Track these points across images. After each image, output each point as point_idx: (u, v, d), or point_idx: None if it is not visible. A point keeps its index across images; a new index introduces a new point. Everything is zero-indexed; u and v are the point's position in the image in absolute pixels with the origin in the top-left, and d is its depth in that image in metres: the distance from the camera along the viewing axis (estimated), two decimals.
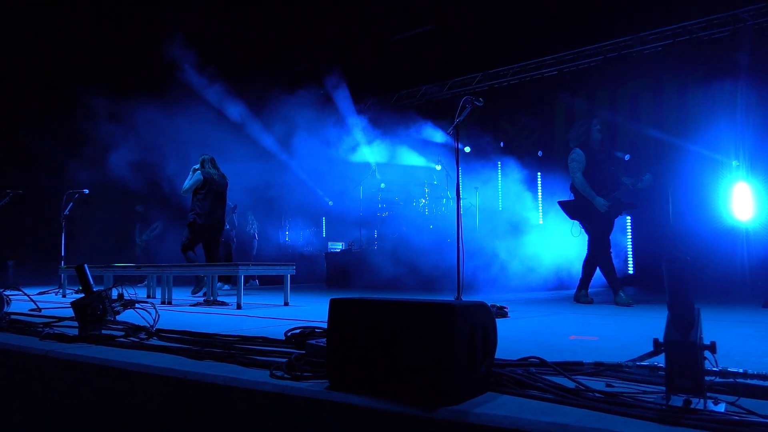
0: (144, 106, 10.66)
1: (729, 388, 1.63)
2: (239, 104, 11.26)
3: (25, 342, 2.91)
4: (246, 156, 11.12)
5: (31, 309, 4.67)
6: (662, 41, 10.21)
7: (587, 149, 5.70)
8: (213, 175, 7.59)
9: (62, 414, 2.53)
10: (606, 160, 5.71)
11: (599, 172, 5.65)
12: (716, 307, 5.09)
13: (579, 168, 5.66)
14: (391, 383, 1.70)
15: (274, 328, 3.49)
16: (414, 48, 12.65)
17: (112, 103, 10.30)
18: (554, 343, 2.87)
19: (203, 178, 7.49)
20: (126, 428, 2.27)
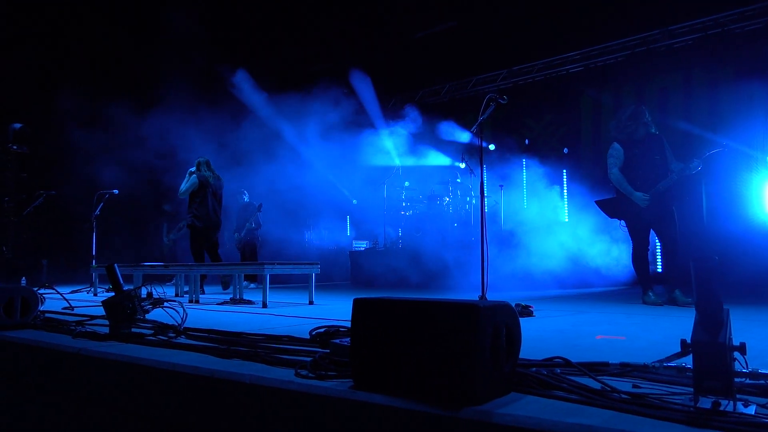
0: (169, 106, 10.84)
1: (760, 390, 1.60)
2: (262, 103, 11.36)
3: (58, 340, 2.99)
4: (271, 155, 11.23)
5: (64, 307, 4.80)
6: (692, 35, 10.00)
7: (628, 143, 5.44)
8: (209, 178, 7.93)
9: (94, 410, 2.59)
10: (650, 151, 5.35)
11: (639, 165, 5.37)
12: (748, 307, 4.98)
13: (616, 164, 5.46)
14: (415, 383, 1.71)
15: (299, 327, 3.53)
16: (437, 45, 12.60)
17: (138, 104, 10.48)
18: (580, 342, 2.84)
19: (199, 181, 7.84)
20: (155, 425, 2.32)
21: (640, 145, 5.39)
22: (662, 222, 5.32)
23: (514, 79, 12.20)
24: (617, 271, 8.34)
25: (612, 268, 8.42)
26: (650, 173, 5.30)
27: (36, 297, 3.67)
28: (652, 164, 5.33)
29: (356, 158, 11.91)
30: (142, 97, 10.99)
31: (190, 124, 10.79)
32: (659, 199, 5.25)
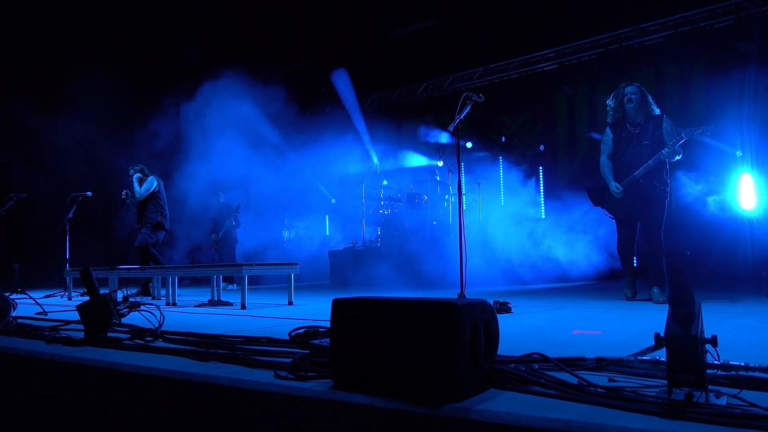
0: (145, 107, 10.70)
1: (731, 381, 1.64)
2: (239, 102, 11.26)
3: (31, 346, 2.93)
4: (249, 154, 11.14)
5: (38, 312, 4.70)
6: (664, 32, 10.17)
7: (617, 127, 5.14)
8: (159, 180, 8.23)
9: (69, 417, 2.55)
10: (640, 136, 4.97)
11: (623, 151, 5.06)
12: (720, 299, 5.09)
13: (604, 150, 5.21)
14: (395, 382, 1.72)
15: (278, 328, 3.51)
16: (415, 43, 12.62)
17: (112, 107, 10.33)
18: (557, 338, 2.87)
19: (157, 182, 8.11)
20: (132, 430, 2.28)
21: (632, 129, 5.05)
22: (642, 213, 5.04)
23: (491, 77, 12.28)
24: (595, 265, 8.44)
25: (589, 262, 8.53)
26: (634, 160, 4.97)
27: (8, 302, 3.59)
28: (638, 150, 4.97)
29: (334, 157, 11.89)
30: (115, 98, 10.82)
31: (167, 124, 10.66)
32: (637, 187, 4.96)
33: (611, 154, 5.16)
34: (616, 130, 5.14)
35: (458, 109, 5.03)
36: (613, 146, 5.14)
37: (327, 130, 13.18)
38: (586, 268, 8.46)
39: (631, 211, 5.08)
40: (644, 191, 4.94)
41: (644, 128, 4.98)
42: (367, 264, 10.04)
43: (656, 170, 4.91)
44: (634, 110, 5.02)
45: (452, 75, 12.73)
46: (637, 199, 4.99)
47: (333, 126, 13.28)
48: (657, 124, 4.95)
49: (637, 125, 5.03)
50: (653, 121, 4.97)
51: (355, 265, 10.32)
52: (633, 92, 5.04)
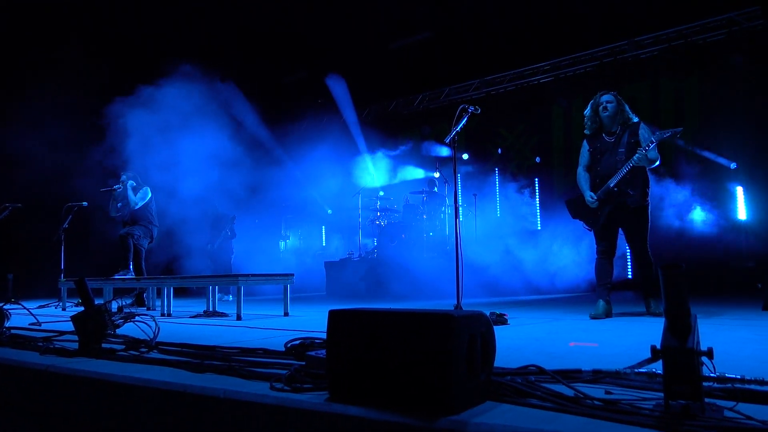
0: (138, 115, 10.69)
1: (727, 393, 1.64)
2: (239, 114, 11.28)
3: (25, 357, 2.91)
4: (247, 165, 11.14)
5: (31, 323, 4.67)
6: (658, 45, 10.27)
7: (594, 137, 4.98)
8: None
9: (63, 429, 2.53)
10: (616, 145, 4.79)
11: (599, 161, 4.88)
12: (716, 310, 5.10)
13: (581, 161, 5.07)
14: (391, 394, 1.71)
15: (274, 339, 3.50)
16: (411, 55, 12.70)
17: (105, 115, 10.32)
18: (554, 350, 2.87)
19: (151, 193, 8.16)
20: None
21: (608, 139, 4.87)
22: (622, 224, 4.85)
23: (487, 89, 12.36)
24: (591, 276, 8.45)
25: (585, 274, 8.55)
26: (610, 169, 4.76)
27: (2, 313, 3.57)
28: (613, 159, 4.77)
29: (331, 168, 11.91)
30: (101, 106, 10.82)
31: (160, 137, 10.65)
32: (612, 197, 4.75)
33: (588, 165, 5.02)
34: (592, 141, 4.99)
35: (455, 120, 5.06)
36: (590, 157, 4.99)
37: (324, 141, 13.23)
38: (583, 279, 8.48)
39: (608, 223, 4.85)
40: (620, 201, 4.74)
41: (620, 137, 4.82)
42: (363, 275, 10.03)
43: (632, 179, 4.69)
44: (610, 119, 4.86)
45: (448, 87, 12.81)
46: (614, 210, 4.79)
47: (330, 136, 13.33)
48: (633, 131, 4.78)
49: (613, 134, 4.87)
50: (630, 129, 4.81)
51: (351, 277, 10.31)
52: (608, 101, 4.87)
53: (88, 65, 11.48)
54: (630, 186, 4.69)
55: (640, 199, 4.71)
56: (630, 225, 4.80)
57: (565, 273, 8.61)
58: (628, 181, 4.68)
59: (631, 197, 4.68)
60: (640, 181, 4.73)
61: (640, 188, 4.73)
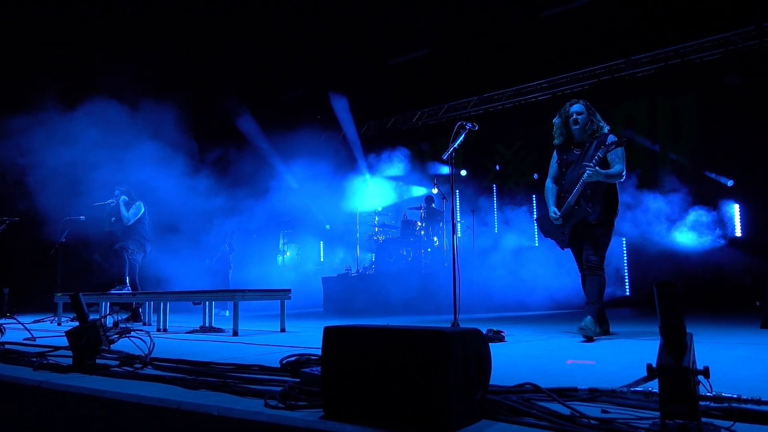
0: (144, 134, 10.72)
1: (724, 413, 1.63)
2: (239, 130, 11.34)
3: (18, 372, 2.88)
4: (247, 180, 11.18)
5: (26, 338, 4.64)
6: (655, 64, 10.36)
7: (563, 148, 4.75)
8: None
9: None
10: (583, 157, 4.52)
11: (565, 174, 4.64)
12: (713, 328, 5.08)
13: (550, 173, 4.82)
14: (386, 412, 1.70)
15: (270, 356, 3.47)
16: (410, 72, 12.80)
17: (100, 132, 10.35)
18: (551, 367, 2.85)
19: (144, 207, 8.13)
20: None
21: (576, 151, 4.63)
22: (584, 241, 4.54)
23: (485, 106, 12.43)
24: None
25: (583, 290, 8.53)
26: (574, 184, 4.49)
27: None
28: (577, 174, 4.50)
29: (329, 183, 11.93)
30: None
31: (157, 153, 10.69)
32: (573, 214, 4.49)
33: (556, 177, 4.76)
34: (561, 152, 4.74)
35: (452, 137, 5.07)
36: (558, 169, 4.75)
37: (322, 156, 13.27)
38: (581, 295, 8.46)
39: (573, 240, 4.59)
40: (580, 218, 4.46)
41: (587, 149, 4.53)
42: (361, 291, 10.01)
43: (593, 194, 4.42)
44: (580, 131, 4.61)
45: (447, 104, 12.88)
46: (576, 226, 4.52)
47: (329, 152, 13.38)
48: (601, 142, 4.48)
49: (581, 146, 4.60)
50: (597, 141, 4.52)
51: (348, 292, 10.28)
52: (578, 112, 4.60)
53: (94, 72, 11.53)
54: (591, 202, 4.42)
55: (600, 215, 4.42)
56: (589, 238, 4.49)
57: (563, 289, 8.59)
58: (589, 196, 4.43)
59: (593, 215, 4.41)
60: (602, 196, 4.45)
61: (602, 204, 4.44)
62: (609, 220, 4.49)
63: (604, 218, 4.44)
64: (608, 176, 4.37)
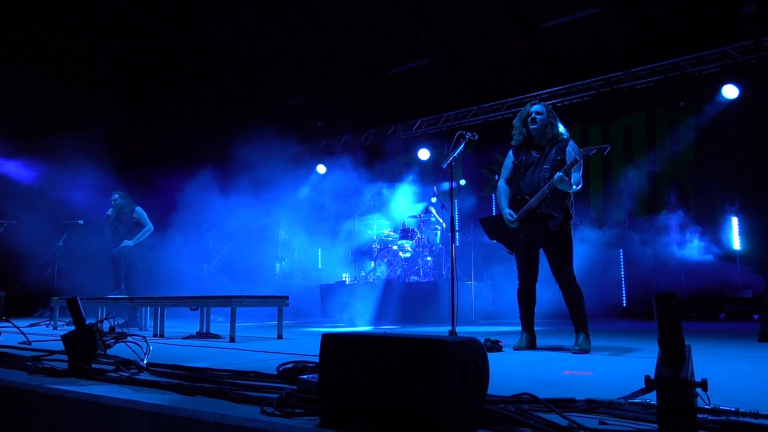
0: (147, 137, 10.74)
1: (722, 426, 1.62)
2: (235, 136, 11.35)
3: (12, 376, 2.87)
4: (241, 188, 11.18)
5: (21, 342, 4.62)
6: (654, 76, 10.40)
7: (520, 149, 4.59)
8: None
9: None
10: (542, 160, 4.41)
11: (522, 176, 4.48)
12: (711, 341, 5.07)
13: (504, 173, 4.65)
14: (383, 420, 1.69)
15: (266, 363, 3.46)
16: (410, 81, 12.83)
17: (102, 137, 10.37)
18: (548, 378, 2.85)
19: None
20: None
21: (535, 153, 4.49)
22: (545, 248, 4.45)
23: (484, 115, 12.45)
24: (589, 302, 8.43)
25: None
26: (533, 187, 4.36)
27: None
28: (536, 176, 4.37)
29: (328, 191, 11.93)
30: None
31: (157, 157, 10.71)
32: (534, 218, 4.34)
33: (509, 178, 4.61)
34: (518, 153, 4.59)
35: (452, 146, 5.08)
36: (513, 170, 4.58)
37: (322, 163, 13.28)
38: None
39: (528, 246, 4.46)
40: (542, 222, 4.32)
41: (547, 153, 4.42)
42: (358, 298, 9.98)
43: (553, 199, 4.30)
44: (538, 132, 4.46)
45: (447, 113, 12.91)
46: (536, 232, 4.38)
47: (328, 160, 13.39)
48: (561, 148, 4.39)
49: (540, 149, 4.47)
50: (558, 146, 4.42)
51: (346, 300, 10.25)
52: (538, 112, 4.48)
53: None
54: (552, 207, 4.30)
55: (561, 222, 4.31)
56: (553, 249, 4.36)
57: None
58: (549, 201, 4.29)
59: (555, 220, 4.29)
60: (564, 201, 4.35)
61: (561, 209, 4.33)
62: (568, 227, 4.38)
63: (563, 225, 4.34)
64: (571, 185, 4.23)
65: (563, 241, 4.34)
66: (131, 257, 7.88)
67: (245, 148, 11.13)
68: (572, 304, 4.34)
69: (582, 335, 4.24)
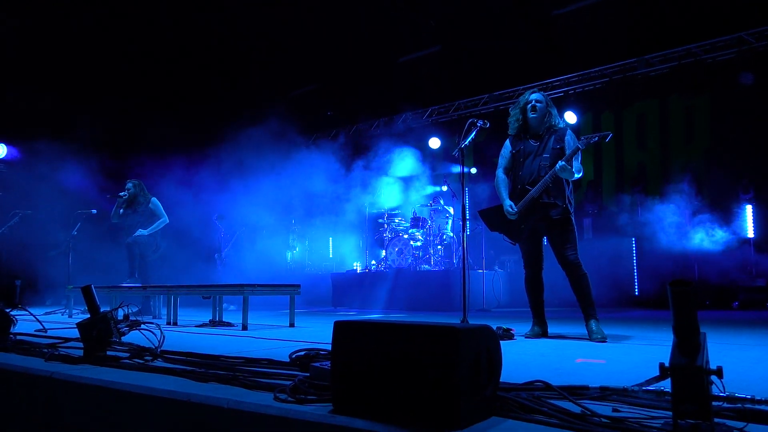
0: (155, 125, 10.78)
1: (737, 413, 1.61)
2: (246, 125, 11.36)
3: (29, 363, 2.91)
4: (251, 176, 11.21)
5: (37, 329, 4.68)
6: (667, 63, 10.27)
7: (518, 139, 4.55)
8: None
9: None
10: (541, 150, 4.39)
11: (521, 166, 4.44)
12: (725, 329, 5.04)
13: (501, 163, 4.61)
14: (395, 407, 1.69)
15: (279, 350, 3.48)
16: (420, 69, 12.76)
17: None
18: (560, 366, 2.84)
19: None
20: None
21: (533, 142, 4.46)
22: (548, 237, 4.43)
23: (496, 104, 12.38)
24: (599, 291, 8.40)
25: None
26: (533, 176, 4.35)
27: (8, 318, 3.58)
28: (536, 166, 4.35)
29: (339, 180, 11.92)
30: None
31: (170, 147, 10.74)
32: (536, 207, 4.34)
33: (508, 168, 4.58)
34: (515, 142, 4.56)
35: (463, 134, 5.06)
36: (511, 160, 4.55)
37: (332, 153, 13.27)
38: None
39: (531, 235, 4.45)
40: (544, 211, 4.33)
41: (546, 142, 4.39)
42: (370, 287, 10.01)
43: (554, 187, 4.30)
44: (537, 121, 4.43)
45: (458, 101, 12.84)
46: (538, 221, 4.38)
47: (339, 149, 13.37)
48: (559, 137, 4.37)
49: (539, 138, 4.45)
50: (556, 135, 4.40)
51: (357, 288, 10.29)
52: (538, 100, 4.43)
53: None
54: (554, 196, 4.31)
55: (562, 210, 4.31)
56: (556, 237, 4.36)
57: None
58: (551, 190, 4.30)
59: (557, 207, 4.30)
60: (565, 189, 4.34)
61: (562, 197, 4.32)
62: (570, 214, 4.36)
63: (565, 213, 4.33)
64: (572, 172, 4.20)
65: (566, 229, 4.34)
66: (145, 247, 7.92)
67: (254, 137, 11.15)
68: (580, 290, 4.31)
69: (593, 321, 4.22)
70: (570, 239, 4.33)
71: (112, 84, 11.97)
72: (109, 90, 11.88)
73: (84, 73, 11.59)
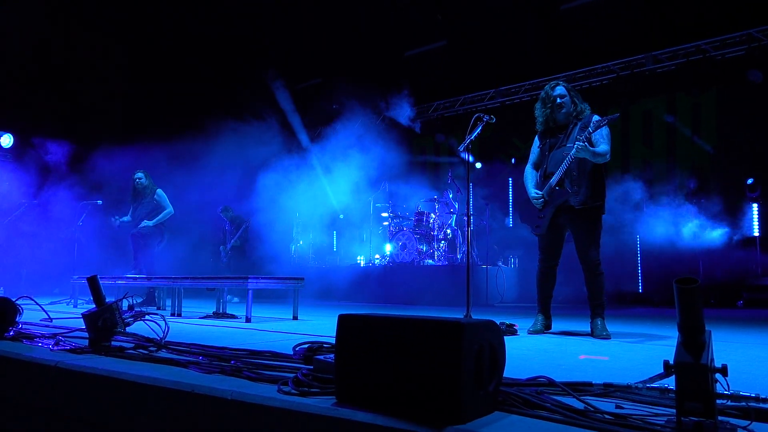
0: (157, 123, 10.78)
1: (741, 412, 1.61)
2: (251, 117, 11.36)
3: (35, 352, 2.93)
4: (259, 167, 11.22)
5: (43, 319, 4.71)
6: (675, 60, 10.20)
7: (545, 132, 4.54)
8: None
9: (70, 426, 2.54)
10: (562, 141, 4.36)
11: (548, 159, 4.41)
12: (730, 327, 5.02)
13: (531, 158, 4.63)
14: (399, 400, 1.70)
15: (282, 343, 3.49)
16: (427, 64, 12.71)
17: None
18: (564, 362, 2.84)
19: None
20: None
21: (560, 134, 4.42)
22: (570, 228, 4.33)
23: (502, 99, 12.34)
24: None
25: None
26: (557, 167, 4.27)
27: (14, 308, 3.60)
28: (560, 155, 4.26)
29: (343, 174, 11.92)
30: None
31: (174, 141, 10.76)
32: (557, 197, 4.25)
33: (537, 163, 4.57)
34: (543, 137, 4.55)
35: (469, 129, 5.04)
36: (539, 154, 4.54)
37: (337, 147, 13.24)
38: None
39: (550, 227, 4.31)
40: (562, 200, 4.23)
41: (570, 130, 4.35)
42: (373, 281, 10.02)
43: (578, 176, 4.18)
44: (564, 116, 4.39)
45: (464, 96, 12.80)
46: (558, 212, 4.26)
47: (343, 142, 13.35)
48: (585, 124, 4.26)
49: (564, 129, 4.40)
50: (581, 123, 4.32)
51: (361, 282, 10.30)
52: (561, 95, 4.38)
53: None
54: (575, 184, 4.18)
55: (586, 199, 4.15)
56: (578, 229, 4.24)
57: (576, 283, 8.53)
58: (574, 178, 4.18)
59: (574, 196, 4.16)
60: (587, 178, 4.19)
61: (588, 187, 4.17)
62: (596, 206, 4.21)
63: (590, 203, 4.17)
64: (595, 154, 4.09)
65: (589, 222, 4.21)
66: (150, 238, 7.94)
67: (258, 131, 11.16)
68: (594, 288, 4.24)
69: (599, 319, 4.19)
70: (591, 234, 4.22)
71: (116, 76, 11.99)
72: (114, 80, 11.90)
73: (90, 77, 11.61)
